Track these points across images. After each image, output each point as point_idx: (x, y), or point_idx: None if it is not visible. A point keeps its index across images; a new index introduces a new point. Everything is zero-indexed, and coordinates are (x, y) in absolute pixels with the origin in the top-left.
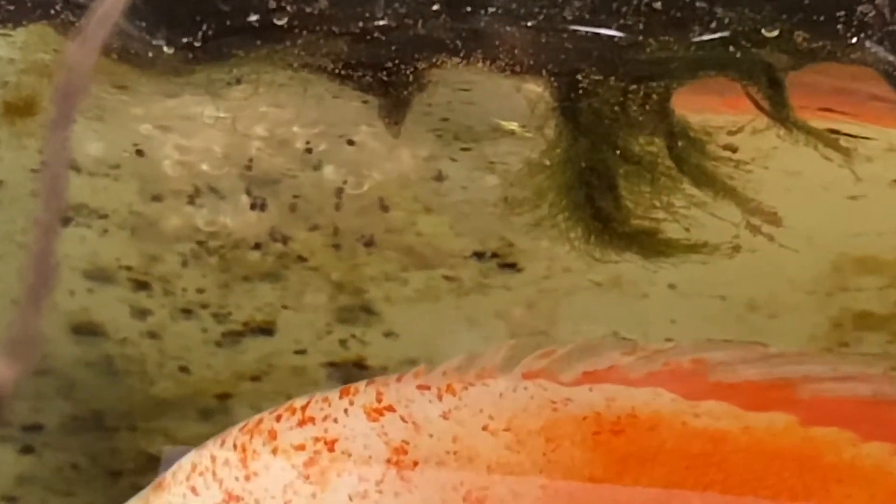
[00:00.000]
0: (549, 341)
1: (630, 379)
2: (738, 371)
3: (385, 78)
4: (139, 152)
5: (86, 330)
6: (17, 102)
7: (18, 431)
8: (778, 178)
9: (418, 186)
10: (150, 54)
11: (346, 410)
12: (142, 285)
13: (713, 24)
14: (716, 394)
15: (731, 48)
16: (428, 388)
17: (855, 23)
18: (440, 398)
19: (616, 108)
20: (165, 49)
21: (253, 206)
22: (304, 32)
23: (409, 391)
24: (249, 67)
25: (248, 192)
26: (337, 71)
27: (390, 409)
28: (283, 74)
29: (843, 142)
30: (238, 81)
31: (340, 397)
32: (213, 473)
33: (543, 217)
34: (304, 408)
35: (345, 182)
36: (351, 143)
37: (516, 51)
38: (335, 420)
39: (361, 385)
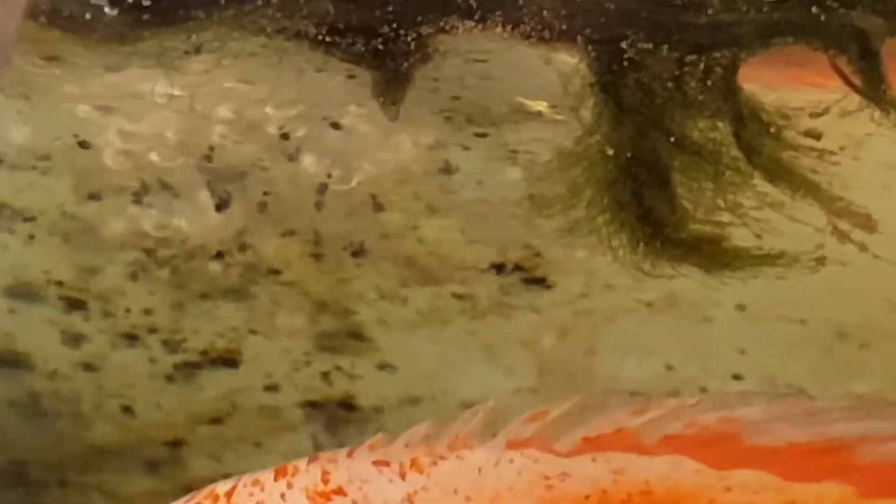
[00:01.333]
0: (549, 396)
1: (643, 445)
2: (778, 432)
3: (381, 46)
4: (75, 140)
5: (7, 360)
6: None
7: None
8: (873, 172)
9: (421, 181)
10: (89, 17)
11: (283, 496)
12: (76, 304)
13: None
14: (752, 461)
15: (814, 9)
16: (387, 464)
17: None
18: (403, 477)
19: (670, 83)
20: (107, 10)
21: (218, 208)
22: None
23: (363, 469)
24: (212, 33)
25: (209, 189)
26: (320, 37)
27: (340, 492)
28: (254, 42)
29: None
30: (197, 50)
31: (276, 479)
32: None
33: (579, 220)
34: (228, 494)
35: (329, 176)
36: (337, 126)
37: (545, 12)
38: None
39: (302, 463)
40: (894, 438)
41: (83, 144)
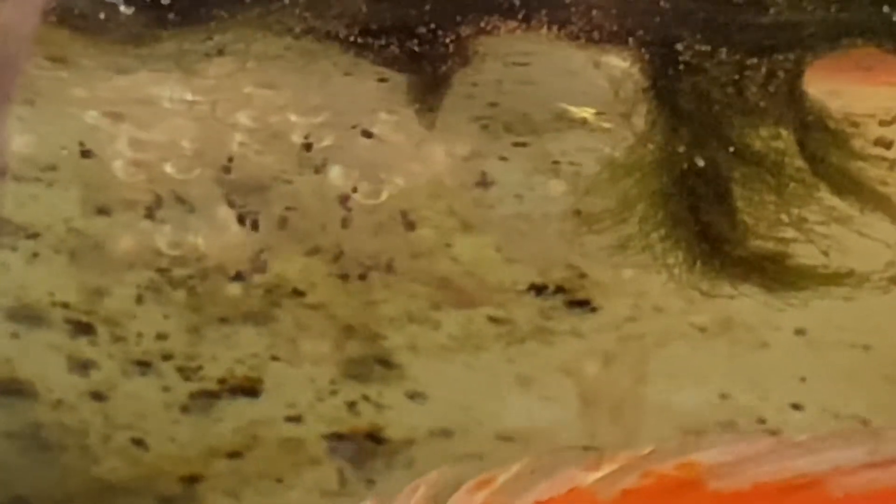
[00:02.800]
0: (593, 429)
1: (599, 503)
2: (742, 473)
3: (416, 48)
4: (82, 150)
5: (8, 389)
6: None
7: None
8: None
9: (455, 195)
10: (102, 15)
11: None
12: (83, 328)
13: None
14: None
15: (885, 8)
16: None
17: None
18: None
19: (729, 89)
20: (123, 9)
21: (240, 222)
22: None
23: None
24: (234, 34)
25: (228, 203)
26: (351, 38)
27: None
28: (279, 43)
29: None
30: (219, 52)
31: None
32: None
33: (630, 237)
34: None
35: (356, 189)
36: (367, 135)
37: (594, 11)
38: None
39: None
40: (867, 467)
41: (91, 154)
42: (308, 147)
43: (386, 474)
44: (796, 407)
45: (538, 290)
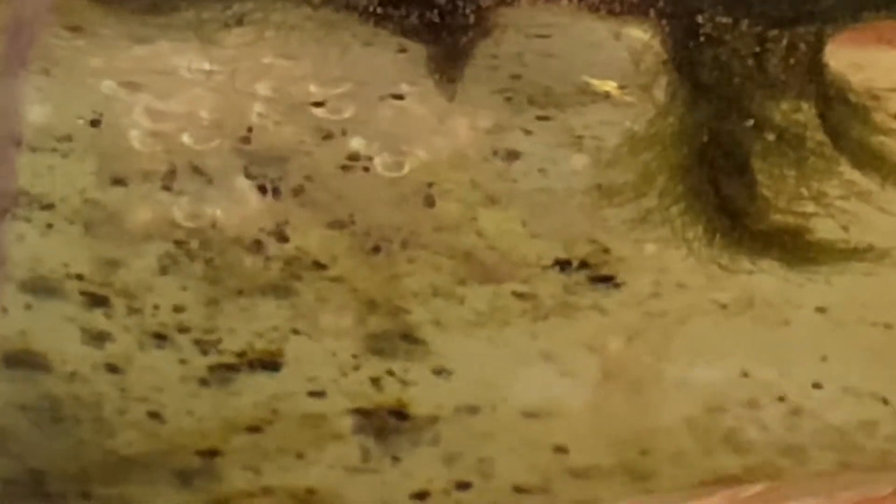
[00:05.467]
0: (616, 404)
1: None
2: None
3: (437, 19)
4: (97, 120)
5: (22, 361)
6: None
7: None
8: None
9: (479, 168)
10: None
11: None
12: (98, 301)
13: None
14: None
15: None
16: None
17: None
18: None
19: (750, 61)
20: None
21: (259, 193)
22: None
23: None
24: (253, 3)
25: (246, 174)
26: (371, 8)
27: None
28: (298, 13)
29: None
30: (238, 22)
31: None
32: None
33: (651, 211)
34: None
35: (372, 160)
36: (387, 107)
37: None
38: None
39: None
40: None
41: (107, 124)
42: (328, 118)
43: (411, 451)
44: (817, 386)
45: (562, 265)
